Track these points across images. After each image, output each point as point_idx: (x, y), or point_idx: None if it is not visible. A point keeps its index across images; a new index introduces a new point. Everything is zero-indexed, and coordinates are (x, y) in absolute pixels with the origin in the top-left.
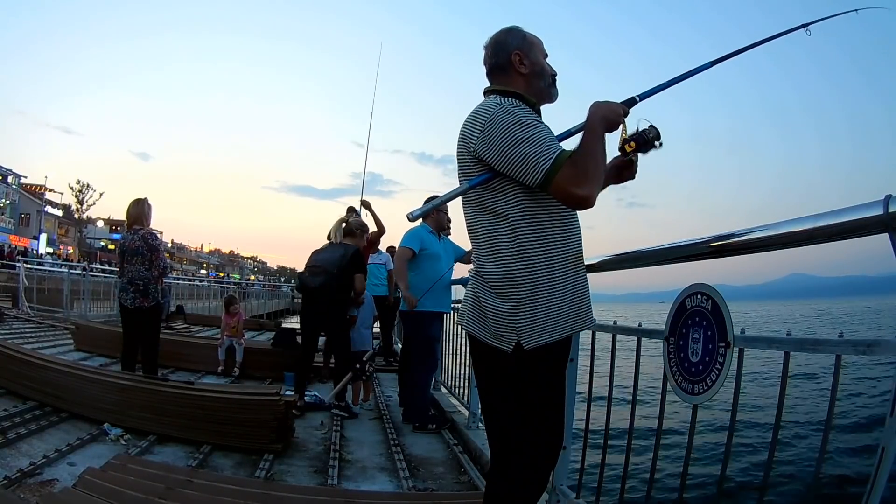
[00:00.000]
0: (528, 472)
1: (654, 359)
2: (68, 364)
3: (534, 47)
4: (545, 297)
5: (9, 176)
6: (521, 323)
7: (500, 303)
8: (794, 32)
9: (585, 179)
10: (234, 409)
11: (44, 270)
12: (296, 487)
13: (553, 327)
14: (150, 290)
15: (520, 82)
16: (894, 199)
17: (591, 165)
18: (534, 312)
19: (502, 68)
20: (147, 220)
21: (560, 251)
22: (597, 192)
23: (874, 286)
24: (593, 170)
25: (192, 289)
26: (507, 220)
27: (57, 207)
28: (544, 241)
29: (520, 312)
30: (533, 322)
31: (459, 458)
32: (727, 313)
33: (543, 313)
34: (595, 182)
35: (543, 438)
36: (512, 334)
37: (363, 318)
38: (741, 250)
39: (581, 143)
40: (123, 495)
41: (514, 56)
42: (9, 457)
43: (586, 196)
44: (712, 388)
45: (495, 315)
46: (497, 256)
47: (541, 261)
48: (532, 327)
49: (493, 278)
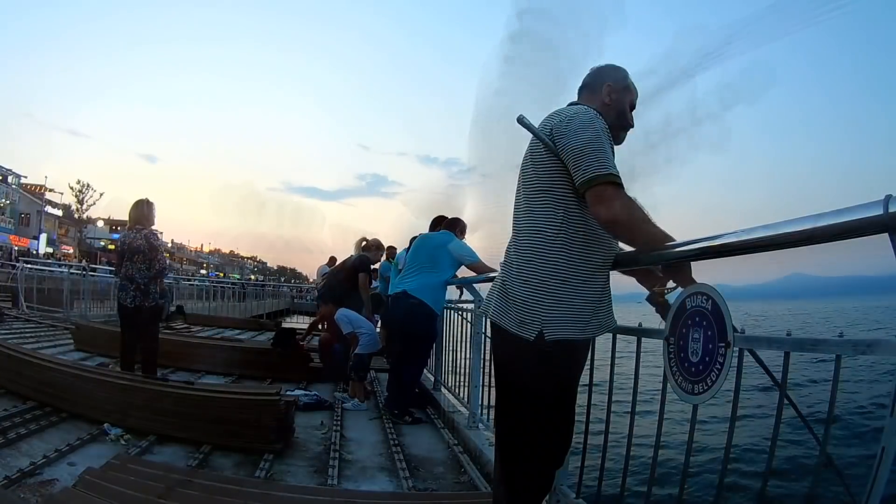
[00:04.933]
0: (534, 469)
1: (654, 359)
2: (68, 364)
3: (626, 91)
4: (573, 294)
5: (9, 176)
6: (546, 313)
7: (528, 292)
8: None
9: (624, 211)
10: (234, 409)
11: (44, 270)
12: (296, 487)
13: (575, 324)
14: (150, 289)
15: (600, 109)
16: (894, 199)
17: (639, 221)
18: (560, 305)
19: (592, 90)
20: (148, 221)
21: (596, 255)
22: (615, 223)
23: (874, 286)
24: (634, 221)
25: (193, 289)
26: (558, 214)
27: (57, 207)
28: (586, 243)
29: (547, 302)
30: (558, 314)
31: (459, 458)
32: (727, 313)
33: (569, 308)
34: (623, 221)
35: (552, 437)
36: (536, 323)
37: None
38: (741, 250)
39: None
40: (123, 495)
41: (607, 87)
42: (9, 457)
43: (610, 213)
44: (712, 388)
45: (522, 302)
46: (537, 246)
47: (577, 260)
48: (556, 319)
49: (528, 266)
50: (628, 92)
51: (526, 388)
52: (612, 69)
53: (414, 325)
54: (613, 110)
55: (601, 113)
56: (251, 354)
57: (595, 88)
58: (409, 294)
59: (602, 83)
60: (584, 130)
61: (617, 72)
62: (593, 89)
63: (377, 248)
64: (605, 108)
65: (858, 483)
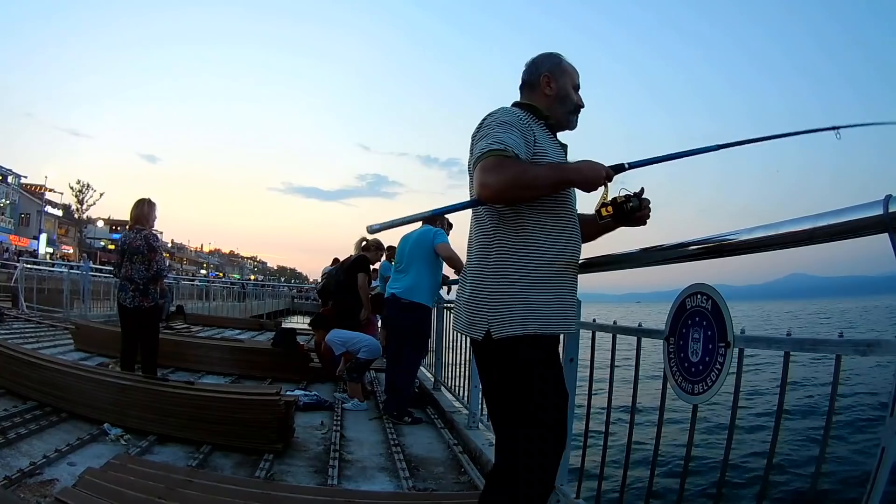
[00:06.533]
0: (514, 473)
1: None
2: (68, 364)
3: (565, 74)
4: (515, 292)
5: (9, 176)
6: (490, 312)
7: (474, 292)
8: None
9: (499, 175)
10: (234, 409)
11: (44, 270)
12: (296, 487)
13: (523, 322)
14: (149, 289)
15: (543, 102)
16: (894, 199)
17: (520, 172)
18: (502, 303)
19: (531, 86)
20: (148, 220)
21: (540, 252)
22: (504, 192)
23: (874, 286)
24: (516, 174)
25: (193, 289)
26: (495, 215)
27: (57, 207)
28: (528, 241)
29: (489, 301)
30: (503, 312)
31: (459, 458)
32: (727, 313)
33: (512, 306)
34: (508, 184)
35: (525, 443)
36: (483, 323)
37: None
38: (741, 250)
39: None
40: (123, 495)
41: (544, 78)
42: (9, 457)
43: (487, 184)
44: (712, 388)
45: (469, 303)
46: (480, 248)
47: (518, 258)
48: (501, 317)
49: (472, 268)
50: (567, 75)
51: (491, 388)
52: (546, 58)
53: (407, 325)
54: (559, 100)
55: (547, 109)
56: (251, 354)
57: (534, 83)
58: (398, 297)
59: (539, 75)
60: (486, 129)
61: (550, 59)
62: (532, 84)
63: (377, 249)
64: (549, 102)
65: (858, 483)
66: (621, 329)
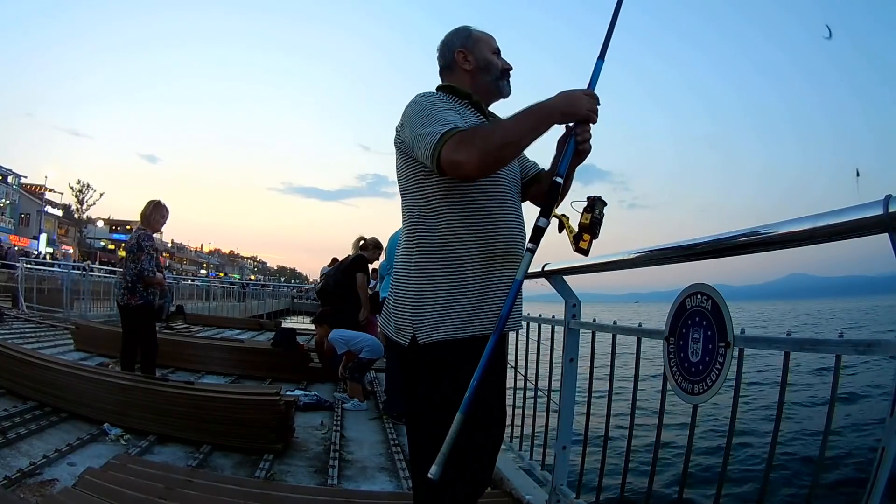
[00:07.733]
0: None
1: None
2: (68, 364)
3: (479, 43)
4: (443, 293)
5: (9, 176)
6: (414, 316)
7: (399, 297)
8: None
9: (470, 144)
10: (234, 409)
11: (44, 270)
12: (296, 487)
13: (450, 325)
14: (136, 287)
15: (465, 79)
16: (894, 199)
17: (486, 135)
18: (425, 307)
19: (449, 68)
20: (150, 221)
21: (461, 251)
22: (480, 160)
23: (874, 286)
24: (487, 137)
25: (193, 289)
26: (414, 214)
27: (57, 207)
28: (447, 240)
29: (413, 305)
30: (429, 316)
31: None
32: (727, 313)
33: (441, 309)
34: (481, 150)
35: (476, 440)
36: (409, 327)
37: None
38: (741, 250)
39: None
40: (123, 495)
41: (458, 54)
42: (9, 457)
43: (460, 161)
44: (712, 388)
45: (395, 308)
46: (403, 252)
47: (437, 259)
48: (427, 322)
49: (397, 273)
50: (481, 42)
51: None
52: (453, 34)
53: None
54: (481, 70)
55: (471, 85)
56: (251, 354)
57: (450, 63)
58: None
59: (453, 52)
60: (412, 116)
61: (458, 33)
62: (450, 65)
63: (375, 248)
64: (472, 76)
65: (858, 483)
66: (621, 329)
